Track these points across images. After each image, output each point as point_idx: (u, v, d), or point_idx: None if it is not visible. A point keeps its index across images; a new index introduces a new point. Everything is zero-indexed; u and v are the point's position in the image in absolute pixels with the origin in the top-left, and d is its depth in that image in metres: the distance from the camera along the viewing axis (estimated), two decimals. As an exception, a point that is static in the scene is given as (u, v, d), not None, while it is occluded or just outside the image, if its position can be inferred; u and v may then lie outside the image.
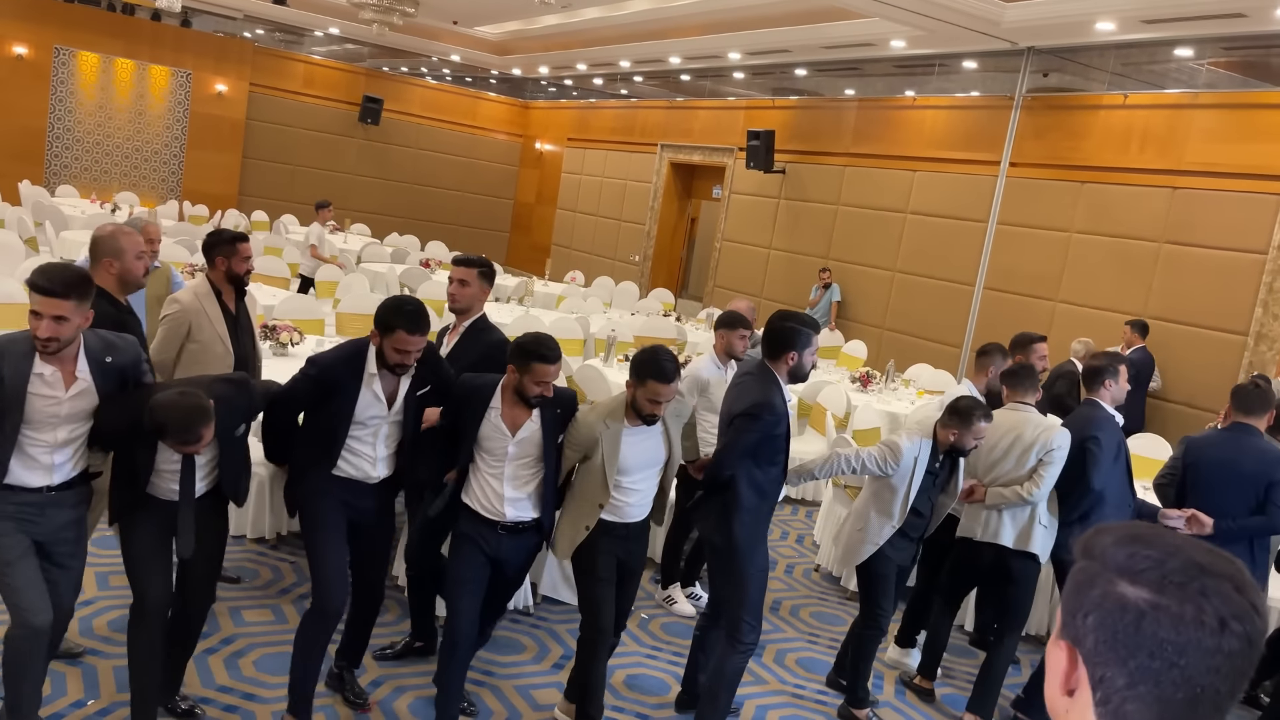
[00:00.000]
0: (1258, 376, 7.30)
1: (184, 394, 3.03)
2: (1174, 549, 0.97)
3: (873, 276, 12.51)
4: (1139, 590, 0.94)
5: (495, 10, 15.25)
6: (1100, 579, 0.98)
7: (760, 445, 3.78)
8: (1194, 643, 0.92)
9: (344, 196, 19.11)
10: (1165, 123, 9.61)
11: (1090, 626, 0.97)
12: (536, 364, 3.44)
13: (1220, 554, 0.98)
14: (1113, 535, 1.01)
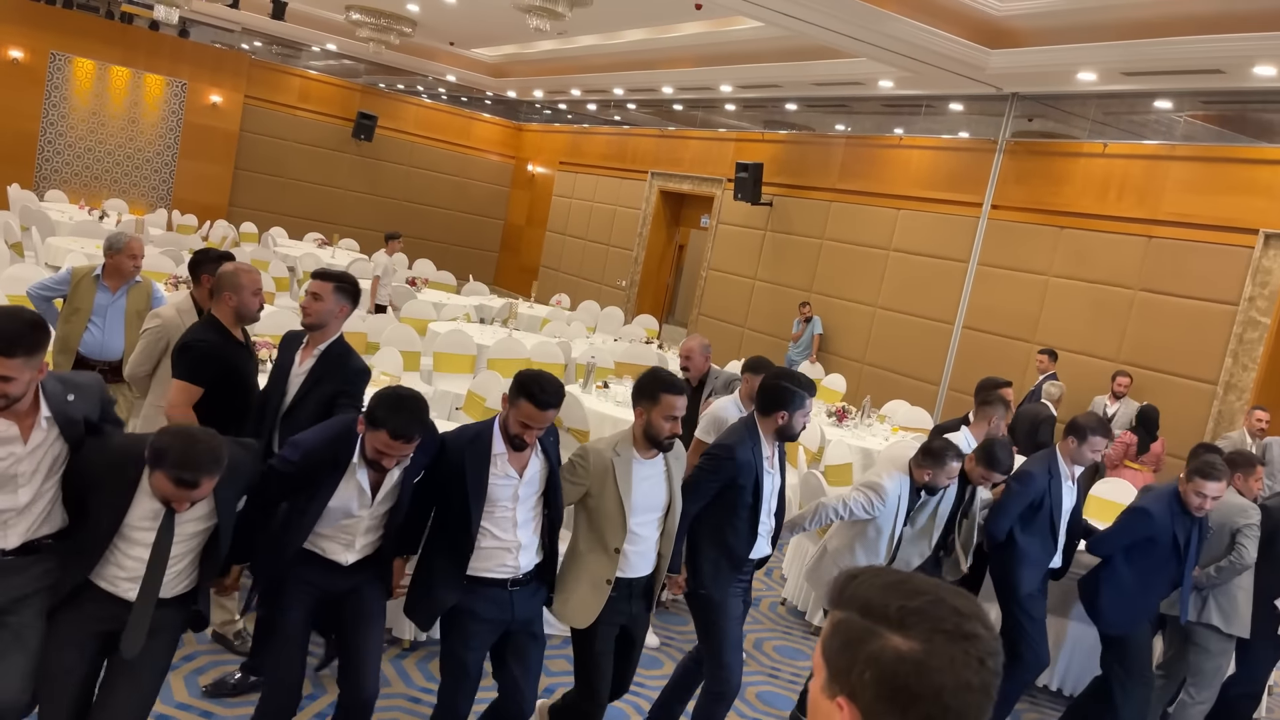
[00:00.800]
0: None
1: (200, 429, 2.76)
2: (932, 595, 1.03)
3: (855, 311, 12.64)
4: (911, 642, 1.01)
5: (492, 33, 15.42)
6: (871, 634, 1.03)
7: (723, 494, 3.76)
8: (964, 684, 1.00)
9: (334, 211, 19.19)
10: (1143, 172, 9.80)
11: (869, 681, 1.01)
12: (524, 402, 3.17)
13: (963, 593, 1.06)
14: (870, 585, 1.06)
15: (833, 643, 1.07)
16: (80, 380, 2.89)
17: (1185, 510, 4.49)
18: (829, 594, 1.12)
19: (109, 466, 2.75)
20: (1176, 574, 4.56)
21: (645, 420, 3.44)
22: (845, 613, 1.07)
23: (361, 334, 8.45)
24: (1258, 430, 7.94)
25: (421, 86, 20.26)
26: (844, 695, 1.04)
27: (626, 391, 7.97)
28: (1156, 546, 4.53)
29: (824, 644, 1.09)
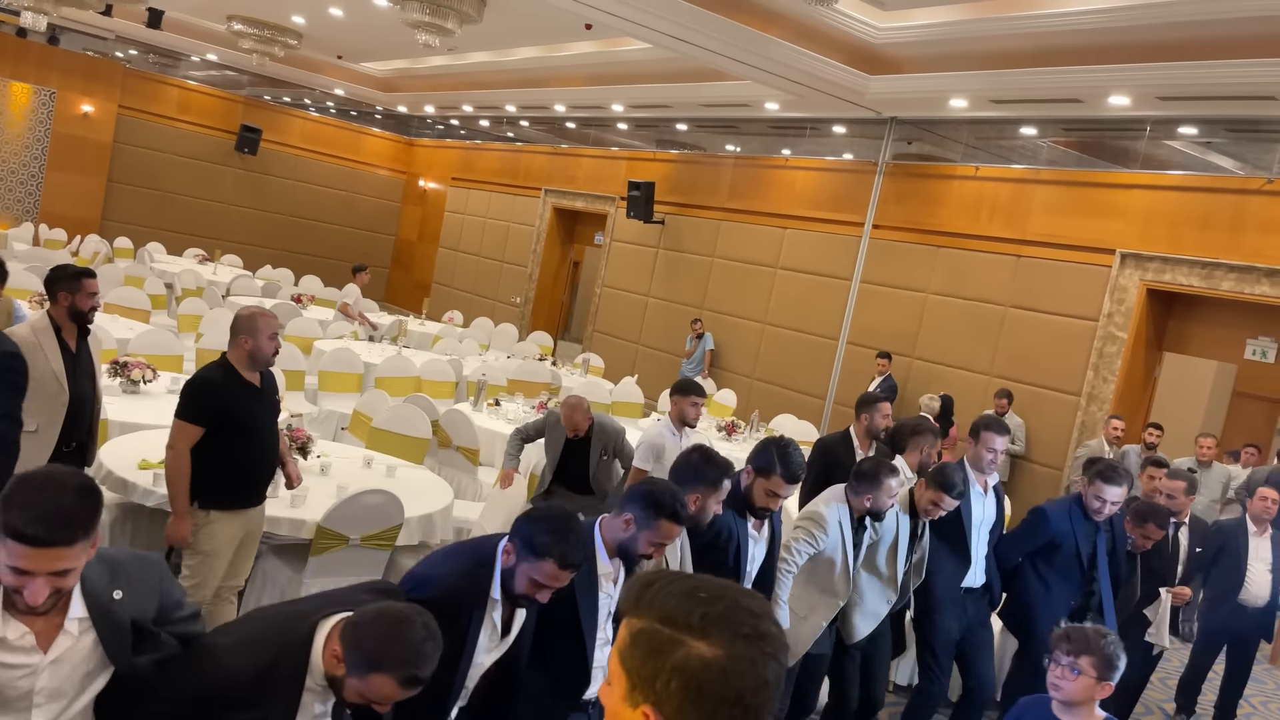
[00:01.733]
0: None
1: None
2: (729, 600, 1.09)
3: (744, 328, 12.90)
4: (715, 648, 1.05)
5: (381, 48, 15.21)
6: (675, 643, 1.06)
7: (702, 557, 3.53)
8: (762, 682, 1.06)
9: (216, 227, 18.57)
10: (1011, 195, 10.31)
11: (675, 690, 1.05)
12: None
13: (754, 593, 1.12)
14: (667, 593, 1.10)
15: (635, 652, 1.09)
16: (130, 565, 2.13)
17: (1087, 517, 4.53)
18: (623, 601, 1.14)
19: (192, 701, 2.06)
20: (1083, 582, 4.55)
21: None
22: (645, 621, 1.10)
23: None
24: (1114, 438, 8.42)
25: (309, 99, 19.83)
26: (648, 704, 1.06)
27: (518, 409, 7.96)
28: (1059, 552, 4.53)
29: (623, 653, 1.10)
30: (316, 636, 2.19)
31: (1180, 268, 8.88)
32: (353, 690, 2.11)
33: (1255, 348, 8.90)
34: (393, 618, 2.10)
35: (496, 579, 2.59)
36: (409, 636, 2.07)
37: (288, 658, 2.14)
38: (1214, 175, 9.14)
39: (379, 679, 2.06)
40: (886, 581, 4.24)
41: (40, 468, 1.99)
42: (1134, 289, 9.16)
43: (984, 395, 10.05)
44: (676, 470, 3.31)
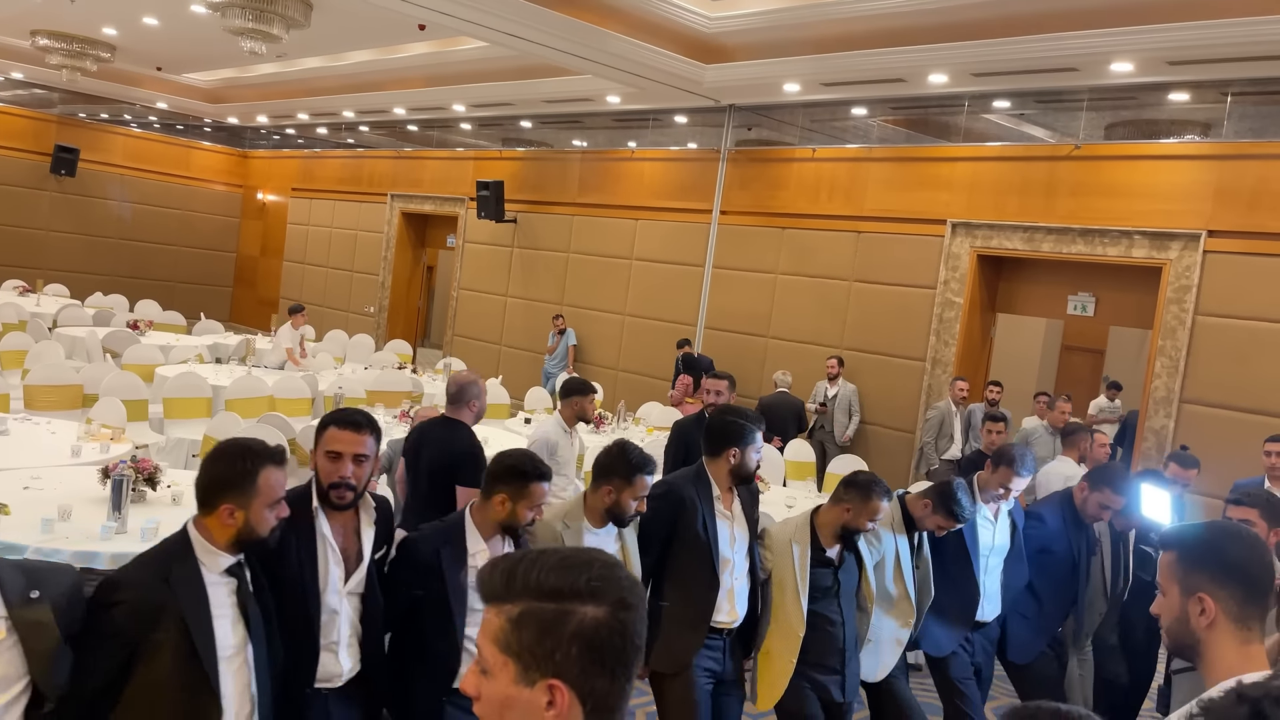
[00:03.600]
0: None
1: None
2: (600, 562, 1.18)
3: (605, 320, 12.98)
4: (602, 607, 1.13)
5: (203, 57, 14.53)
6: (567, 614, 1.12)
7: (670, 540, 3.50)
8: (641, 621, 1.16)
9: (37, 255, 17.36)
10: (848, 174, 10.74)
11: (575, 655, 1.11)
12: (534, 484, 2.95)
13: (602, 553, 1.21)
14: (539, 570, 1.14)
15: (524, 635, 1.12)
16: (46, 571, 2.18)
17: (1079, 521, 4.17)
18: (488, 591, 1.16)
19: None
20: (1075, 591, 4.16)
21: (614, 499, 3.25)
22: (523, 604, 1.13)
23: (77, 386, 7.73)
24: (960, 399, 8.91)
25: (129, 115, 18.74)
26: (549, 677, 1.11)
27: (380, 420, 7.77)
28: (1053, 558, 4.15)
29: (503, 640, 1.13)
30: (189, 530, 2.40)
31: (1005, 233, 9.45)
32: (259, 516, 2.38)
33: (1076, 303, 9.57)
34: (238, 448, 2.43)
35: (312, 495, 2.75)
36: (247, 445, 2.44)
37: (175, 559, 2.34)
38: (1028, 144, 9.77)
39: (265, 474, 2.38)
40: (899, 601, 3.83)
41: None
42: (966, 256, 9.70)
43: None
44: (597, 464, 3.33)
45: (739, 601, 3.53)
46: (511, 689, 1.13)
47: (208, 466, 2.45)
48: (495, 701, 1.14)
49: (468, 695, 1.17)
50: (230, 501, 2.38)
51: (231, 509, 2.38)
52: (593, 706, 1.12)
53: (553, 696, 1.11)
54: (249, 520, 2.39)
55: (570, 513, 3.36)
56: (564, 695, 1.11)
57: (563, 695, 1.11)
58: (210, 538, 2.39)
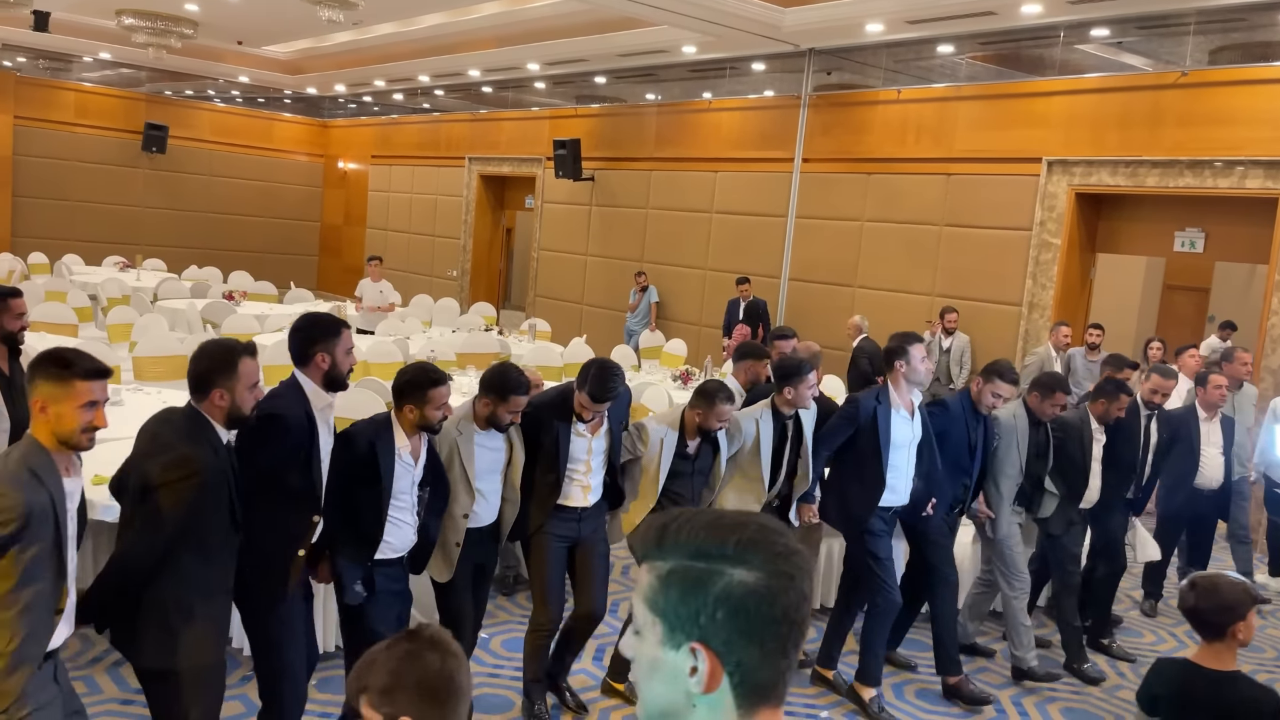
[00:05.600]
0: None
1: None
2: (754, 524, 1.10)
3: (686, 276, 12.88)
4: (756, 572, 1.06)
5: (282, 29, 14.71)
6: (714, 575, 1.07)
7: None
8: (801, 596, 1.09)
9: (133, 231, 17.96)
10: (935, 115, 10.38)
11: (721, 620, 1.06)
12: (430, 390, 3.56)
13: (767, 516, 1.15)
14: (689, 529, 1.10)
15: (669, 595, 1.08)
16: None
17: (975, 410, 4.92)
18: (640, 548, 1.13)
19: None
20: (969, 470, 4.95)
21: (492, 412, 3.93)
22: (671, 562, 1.09)
23: (182, 356, 7.98)
24: (1062, 344, 8.61)
25: (213, 90, 19.16)
26: (695, 641, 1.07)
27: (471, 382, 7.87)
28: (949, 441, 4.87)
29: (652, 598, 1.09)
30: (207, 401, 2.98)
31: (1105, 169, 9.04)
32: (244, 397, 2.98)
33: (1184, 239, 9.13)
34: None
35: (310, 386, 3.33)
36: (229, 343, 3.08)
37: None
38: (1129, 74, 9.29)
39: (243, 364, 2.96)
40: (746, 478, 4.72)
41: None
42: (1063, 195, 9.31)
43: (927, 313, 10.20)
44: (483, 382, 3.98)
45: (594, 491, 4.36)
46: (658, 650, 1.09)
47: (195, 360, 2.99)
48: (645, 663, 1.11)
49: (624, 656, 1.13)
50: (220, 386, 2.94)
51: (222, 392, 2.94)
52: (740, 679, 1.07)
53: (696, 661, 1.07)
54: (235, 401, 2.96)
55: (463, 419, 3.96)
56: (707, 661, 1.07)
57: (706, 661, 1.07)
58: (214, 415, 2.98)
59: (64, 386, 2.52)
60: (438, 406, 3.53)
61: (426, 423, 3.55)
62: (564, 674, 4.58)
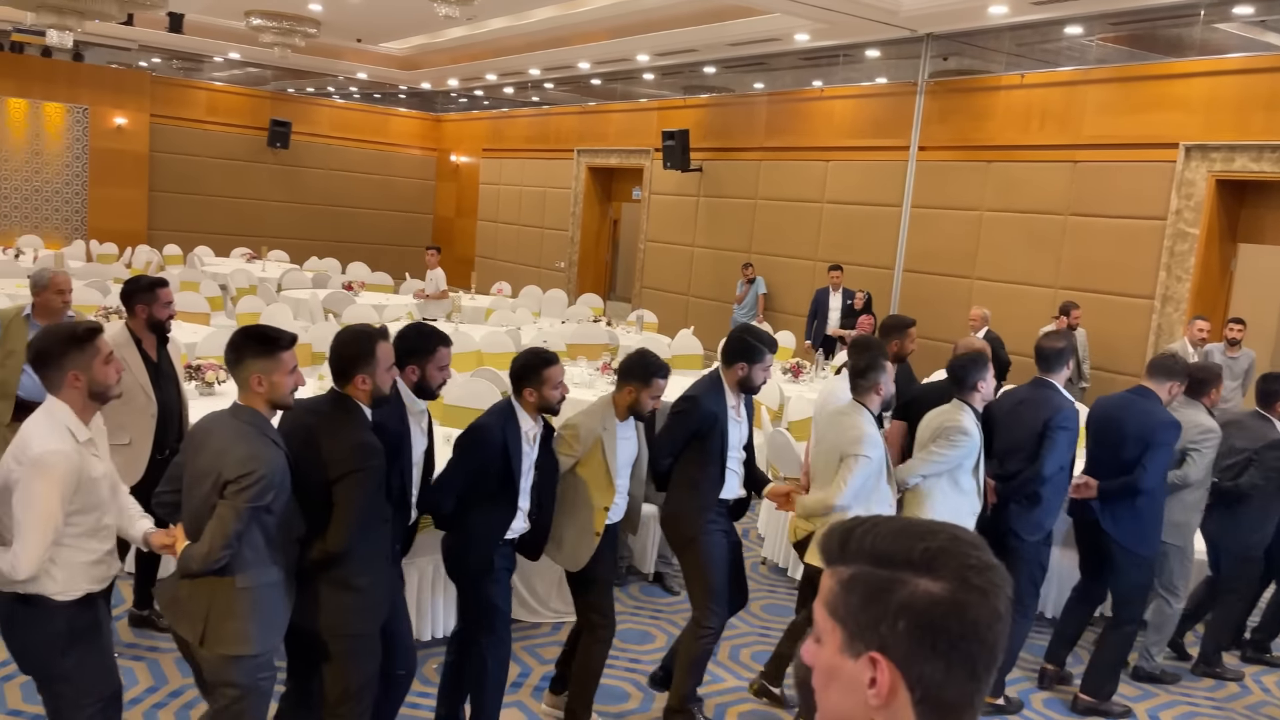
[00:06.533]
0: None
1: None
2: (946, 533, 1.03)
3: (795, 267, 12.71)
4: (942, 583, 0.99)
5: (399, 26, 15.09)
6: (897, 583, 1.01)
7: (691, 441, 4.07)
8: (995, 615, 1.00)
9: (257, 224, 18.72)
10: (1062, 99, 9.95)
11: (902, 631, 0.99)
12: (551, 368, 3.68)
13: (961, 528, 1.06)
14: (876, 534, 1.04)
15: (849, 600, 1.03)
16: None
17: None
18: (825, 552, 1.08)
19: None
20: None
21: (636, 399, 3.86)
22: (855, 567, 1.04)
23: (306, 345, 8.27)
24: (1199, 339, 8.15)
25: (333, 87, 19.81)
26: (875, 650, 1.02)
27: (583, 373, 7.93)
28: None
29: (833, 604, 1.05)
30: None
31: (1249, 154, 8.52)
32: (383, 378, 3.15)
33: (1336, 229, 8.54)
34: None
35: (409, 394, 3.47)
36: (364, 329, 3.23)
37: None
38: (1276, 54, 8.72)
39: (380, 348, 3.14)
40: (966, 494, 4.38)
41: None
42: (1202, 181, 8.82)
43: (1049, 307, 9.81)
44: (621, 368, 3.96)
45: (736, 480, 4.27)
46: (836, 658, 1.04)
47: (338, 349, 3.14)
48: (823, 670, 1.06)
49: (805, 663, 1.09)
50: (362, 371, 3.10)
51: (364, 377, 3.11)
52: (922, 695, 1.00)
53: (875, 672, 1.01)
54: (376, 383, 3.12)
55: (605, 413, 3.88)
56: (886, 673, 1.01)
57: (885, 673, 1.01)
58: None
59: (274, 360, 2.88)
60: (555, 386, 3.63)
61: (546, 403, 3.64)
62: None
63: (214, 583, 2.82)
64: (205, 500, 2.80)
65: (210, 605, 2.82)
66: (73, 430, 2.75)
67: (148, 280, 4.30)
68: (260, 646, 2.89)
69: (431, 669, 4.37)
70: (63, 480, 2.67)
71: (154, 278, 4.33)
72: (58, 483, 2.67)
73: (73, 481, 2.70)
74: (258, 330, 2.97)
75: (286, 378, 2.92)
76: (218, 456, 2.79)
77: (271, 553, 2.90)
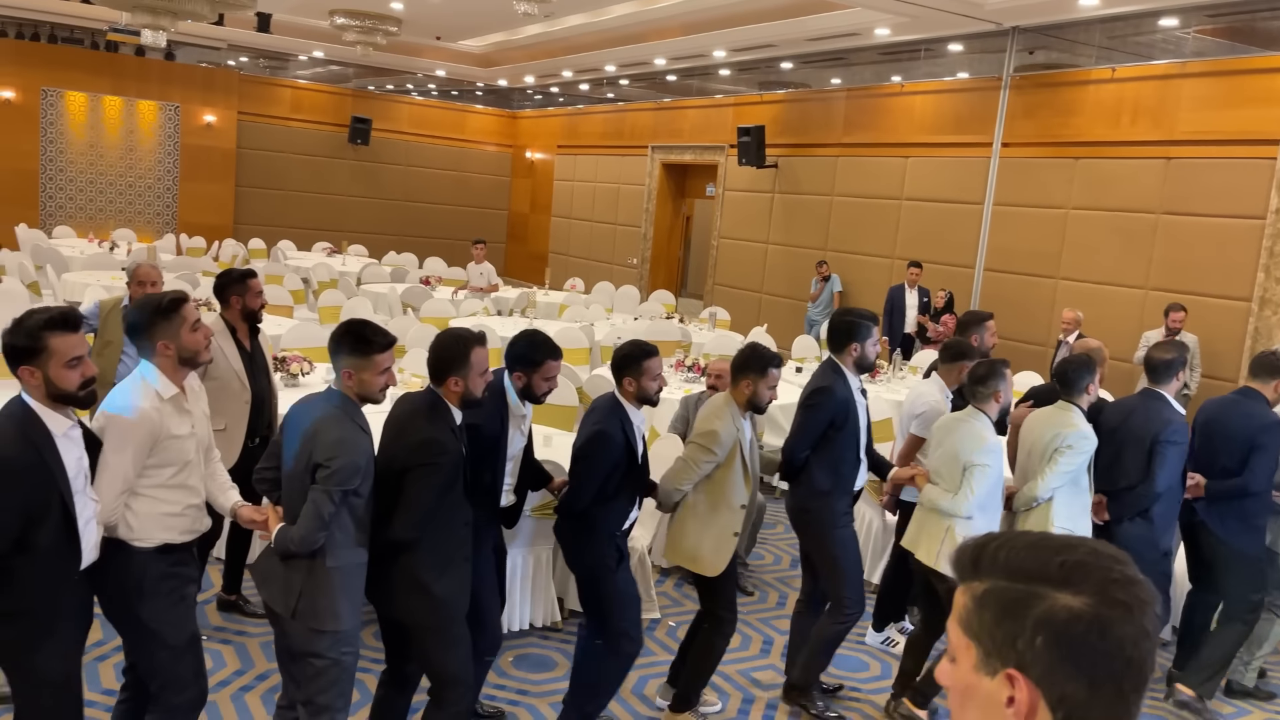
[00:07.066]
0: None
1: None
2: (1086, 547, 0.98)
3: (872, 265, 12.52)
4: (1083, 598, 0.95)
5: (478, 23, 15.28)
6: (1034, 597, 0.97)
7: (826, 432, 4.06)
8: (1142, 632, 0.95)
9: (338, 218, 19.14)
10: (1155, 94, 9.62)
11: (1041, 647, 0.95)
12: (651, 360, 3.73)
13: (1101, 541, 1.01)
14: (1010, 548, 1.00)
15: (983, 616, 1.00)
16: None
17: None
18: (957, 569, 1.05)
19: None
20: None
21: (753, 389, 3.87)
22: (989, 582, 1.01)
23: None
24: (1299, 343, 7.80)
25: (411, 84, 20.14)
26: (1013, 667, 0.98)
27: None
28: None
29: (967, 620, 1.02)
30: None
31: (1357, 151, 8.12)
32: (476, 383, 3.27)
33: None
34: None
35: (514, 397, 3.59)
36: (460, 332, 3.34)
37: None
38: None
39: (475, 353, 3.25)
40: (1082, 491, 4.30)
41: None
42: (1305, 180, 8.43)
43: (1139, 309, 9.50)
44: (734, 363, 3.97)
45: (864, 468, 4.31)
46: (971, 676, 1.01)
47: (436, 350, 3.26)
48: (958, 690, 1.02)
49: (940, 685, 1.05)
50: (456, 374, 3.21)
51: (457, 379, 3.22)
52: (1065, 716, 0.95)
53: (1013, 690, 0.97)
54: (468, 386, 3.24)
55: (734, 413, 3.86)
56: (1024, 691, 0.97)
57: (1023, 691, 0.97)
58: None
59: (367, 360, 3.00)
60: (654, 377, 3.71)
61: (644, 394, 3.72)
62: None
63: (307, 561, 2.95)
64: (299, 480, 2.94)
65: (303, 582, 2.95)
66: (158, 389, 2.88)
67: (239, 272, 4.43)
68: (347, 623, 3.01)
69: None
70: (137, 435, 2.81)
71: (244, 269, 4.47)
72: (131, 438, 2.81)
73: (148, 437, 2.83)
74: (359, 328, 3.07)
75: (377, 377, 3.04)
76: (310, 439, 2.93)
77: (359, 535, 3.03)
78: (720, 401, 3.94)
